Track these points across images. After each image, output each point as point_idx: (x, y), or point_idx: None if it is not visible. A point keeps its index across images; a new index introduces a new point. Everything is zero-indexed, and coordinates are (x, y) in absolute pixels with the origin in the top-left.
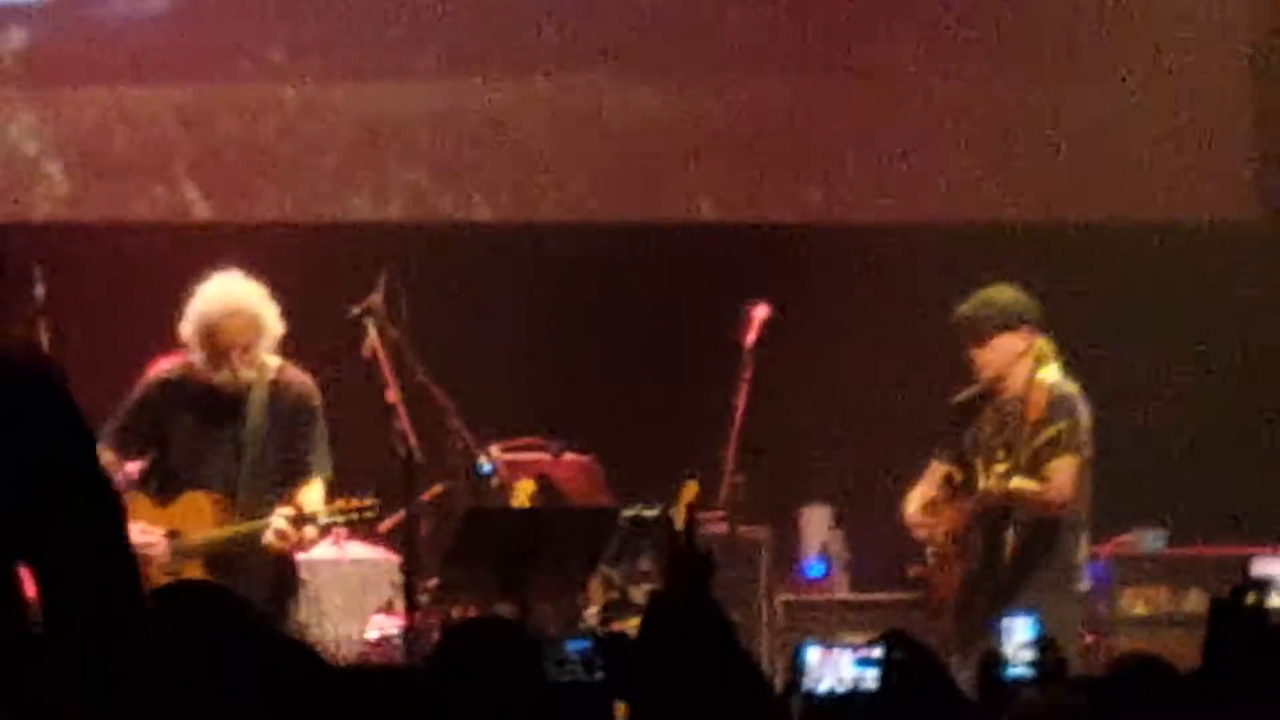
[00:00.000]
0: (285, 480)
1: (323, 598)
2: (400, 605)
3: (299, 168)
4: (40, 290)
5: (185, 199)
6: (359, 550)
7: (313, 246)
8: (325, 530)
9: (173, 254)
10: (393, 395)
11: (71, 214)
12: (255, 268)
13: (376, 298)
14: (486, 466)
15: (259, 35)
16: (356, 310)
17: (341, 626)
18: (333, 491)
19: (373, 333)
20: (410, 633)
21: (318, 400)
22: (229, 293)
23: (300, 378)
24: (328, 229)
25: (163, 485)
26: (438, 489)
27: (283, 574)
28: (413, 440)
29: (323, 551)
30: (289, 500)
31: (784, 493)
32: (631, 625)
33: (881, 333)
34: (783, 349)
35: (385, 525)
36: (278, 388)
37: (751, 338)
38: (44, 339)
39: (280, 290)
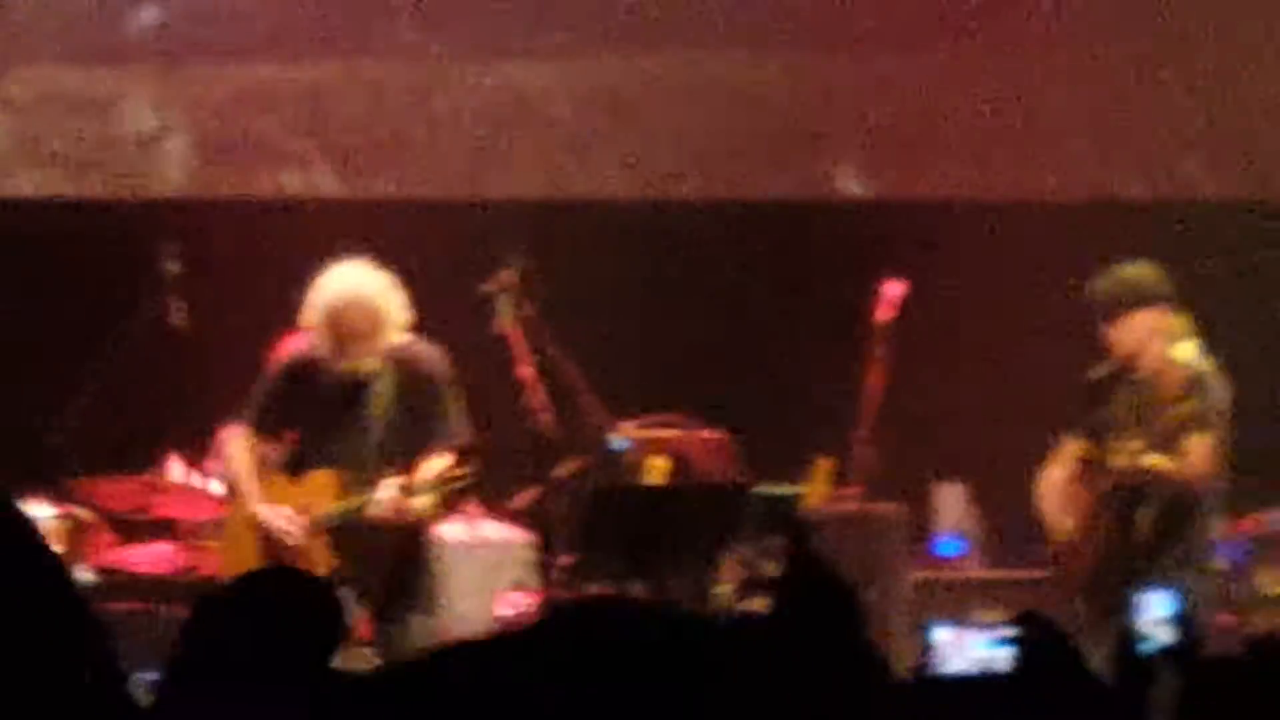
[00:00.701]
0: (415, 453)
1: (455, 577)
2: (533, 584)
3: (430, 145)
4: (171, 267)
5: (315, 176)
6: (492, 529)
7: (445, 224)
8: (442, 501)
9: (303, 231)
10: (526, 372)
11: (201, 191)
12: (386, 245)
13: (510, 274)
14: (620, 443)
15: (390, 12)
16: (490, 287)
17: (473, 605)
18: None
19: (506, 310)
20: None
21: (445, 372)
22: (350, 283)
23: (427, 352)
24: (460, 206)
25: (297, 464)
26: (571, 466)
27: (407, 548)
28: (546, 417)
29: (455, 531)
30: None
31: (918, 470)
32: (763, 603)
33: (1016, 309)
34: (917, 326)
35: (518, 503)
36: (405, 364)
37: (886, 314)
38: (177, 314)
39: (412, 268)
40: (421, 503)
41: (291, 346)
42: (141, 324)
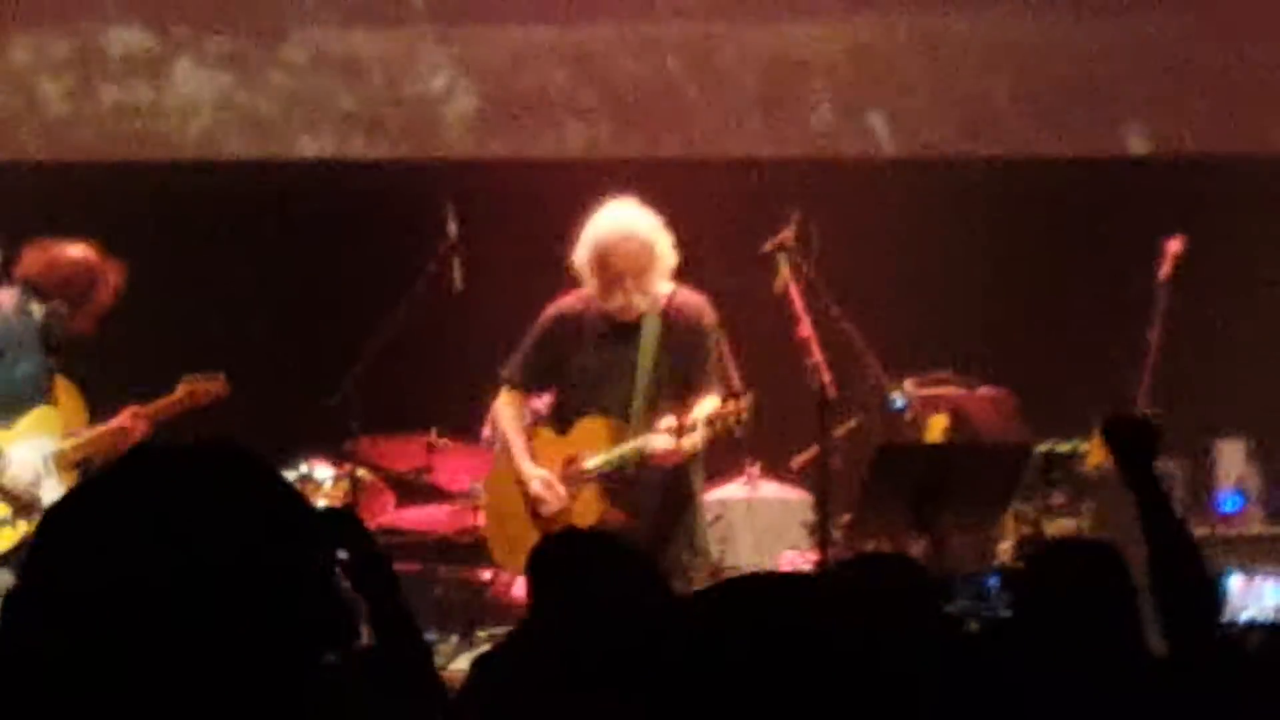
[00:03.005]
0: (681, 400)
1: (734, 536)
2: (812, 543)
3: (706, 106)
4: (453, 227)
5: (593, 136)
6: (771, 489)
7: (724, 182)
8: (714, 438)
9: (581, 190)
10: (805, 331)
11: (481, 151)
12: (663, 204)
13: (789, 233)
14: (899, 401)
15: None
16: (769, 246)
17: (753, 565)
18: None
19: (785, 269)
20: (823, 570)
21: (711, 320)
22: (623, 219)
23: (693, 300)
24: (739, 165)
25: (563, 415)
26: (851, 424)
27: (676, 491)
28: (826, 376)
29: (735, 490)
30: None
31: (1199, 426)
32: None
33: None
34: (1198, 282)
35: (798, 462)
36: (670, 312)
37: (1166, 271)
38: (457, 275)
39: (691, 227)
40: (692, 441)
41: (560, 302)
42: (424, 285)
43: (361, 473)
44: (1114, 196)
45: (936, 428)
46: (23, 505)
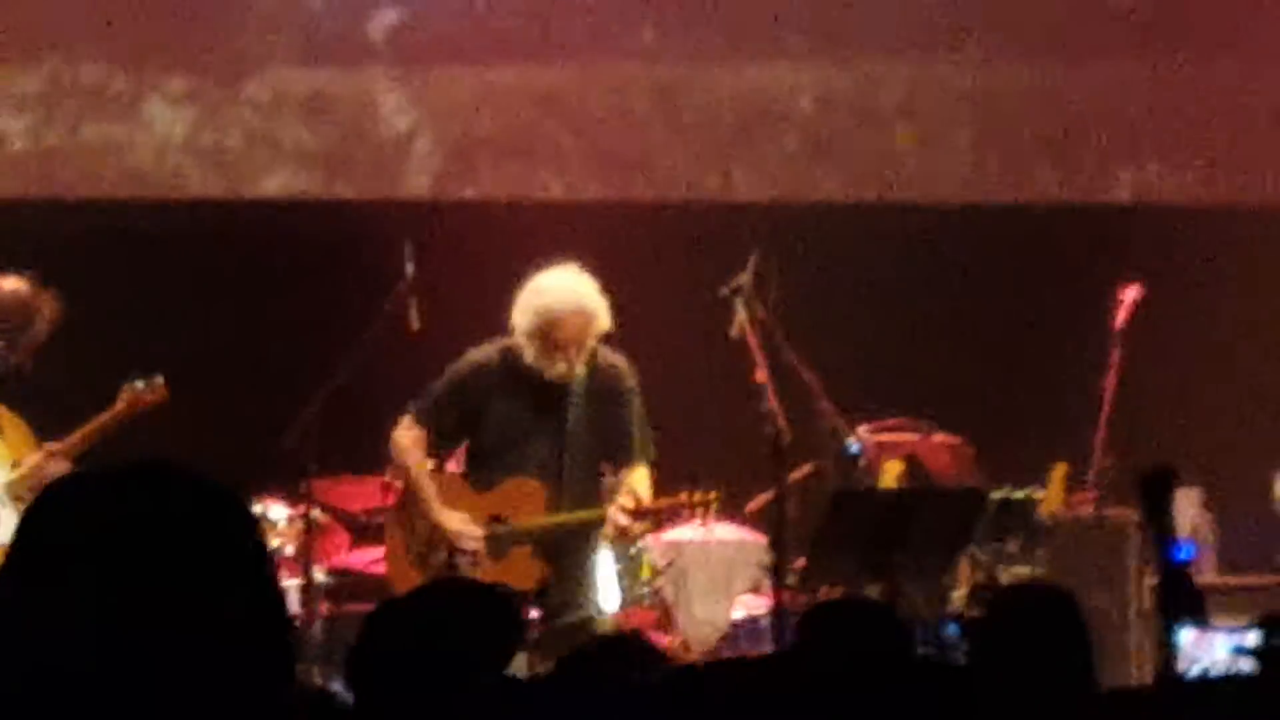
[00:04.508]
0: (597, 462)
1: (689, 579)
2: (767, 586)
3: (669, 147)
4: (410, 267)
5: (554, 178)
6: (726, 531)
7: (681, 225)
8: (659, 521)
9: (541, 232)
10: (761, 375)
11: (441, 192)
12: (623, 247)
13: (746, 277)
14: (855, 447)
15: (628, 15)
16: (726, 290)
17: (708, 608)
18: (659, 474)
19: (742, 312)
20: (777, 614)
21: (634, 382)
22: (570, 291)
23: (615, 359)
24: (702, 207)
25: (482, 468)
26: (806, 469)
27: (586, 547)
28: (781, 420)
29: (689, 533)
30: (619, 487)
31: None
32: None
33: (1253, 314)
34: (1153, 330)
35: (753, 505)
36: (597, 373)
37: (1122, 319)
38: (414, 315)
39: (649, 269)
40: (643, 526)
41: (480, 350)
42: (381, 325)
43: (316, 513)
44: (1072, 243)
45: (891, 473)
46: None
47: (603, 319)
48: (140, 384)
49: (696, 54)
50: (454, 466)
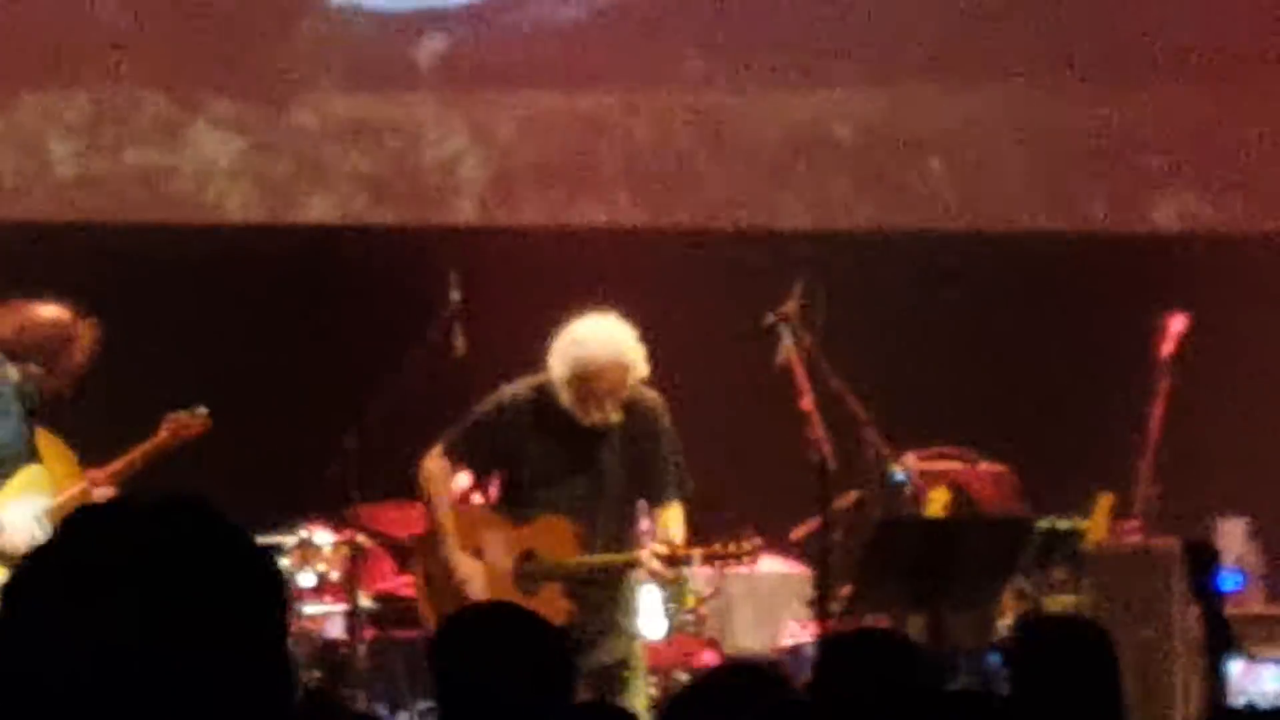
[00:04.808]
0: (632, 501)
1: (734, 609)
2: (811, 616)
3: (713, 175)
4: (455, 294)
5: (599, 205)
6: (771, 563)
7: (726, 253)
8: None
9: (586, 259)
10: (807, 403)
11: (486, 218)
12: (668, 274)
13: (792, 305)
14: (900, 475)
15: (673, 44)
16: (772, 318)
17: (753, 638)
18: (703, 505)
19: (787, 340)
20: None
21: (667, 418)
22: (609, 342)
23: (649, 397)
24: (747, 235)
25: (518, 503)
26: (851, 498)
27: (619, 586)
28: (826, 449)
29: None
30: (635, 526)
31: (1199, 504)
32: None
33: None
34: (1200, 360)
35: (798, 533)
36: (632, 411)
37: (1169, 349)
38: (459, 342)
39: (693, 297)
40: (674, 573)
41: (515, 387)
42: (426, 351)
43: (361, 539)
44: (1117, 272)
45: (937, 502)
46: None
47: (639, 368)
48: (184, 414)
49: (741, 82)
50: (496, 492)
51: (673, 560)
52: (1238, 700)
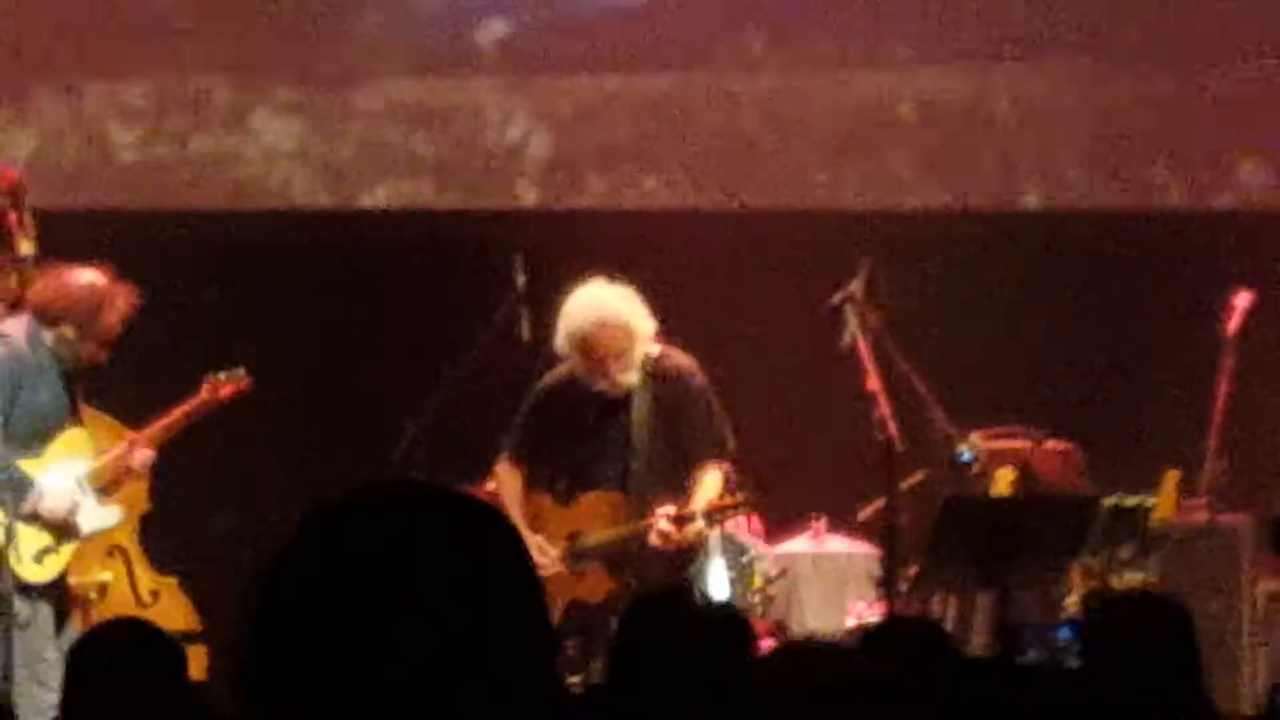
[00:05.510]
0: (676, 466)
1: (801, 590)
2: (878, 596)
3: (776, 155)
4: (520, 278)
5: (662, 187)
6: (838, 544)
7: (796, 233)
8: (713, 523)
9: (650, 241)
10: (873, 383)
11: (550, 201)
12: (732, 255)
13: (857, 286)
14: (967, 454)
15: (735, 24)
16: (838, 298)
17: (820, 618)
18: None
19: (853, 321)
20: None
21: (700, 381)
22: (595, 305)
23: (681, 362)
24: (811, 216)
25: (567, 486)
26: (918, 477)
27: (674, 567)
28: (893, 428)
29: (801, 545)
30: (685, 491)
31: (1267, 480)
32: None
33: None
34: (1266, 336)
35: (864, 513)
36: (658, 375)
37: (1234, 325)
38: (524, 328)
39: (757, 278)
40: (696, 529)
41: (549, 374)
42: (490, 336)
43: None
44: (1184, 249)
45: (1003, 481)
46: (64, 532)
47: (637, 324)
48: (222, 375)
49: (803, 63)
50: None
51: (680, 520)
52: None
